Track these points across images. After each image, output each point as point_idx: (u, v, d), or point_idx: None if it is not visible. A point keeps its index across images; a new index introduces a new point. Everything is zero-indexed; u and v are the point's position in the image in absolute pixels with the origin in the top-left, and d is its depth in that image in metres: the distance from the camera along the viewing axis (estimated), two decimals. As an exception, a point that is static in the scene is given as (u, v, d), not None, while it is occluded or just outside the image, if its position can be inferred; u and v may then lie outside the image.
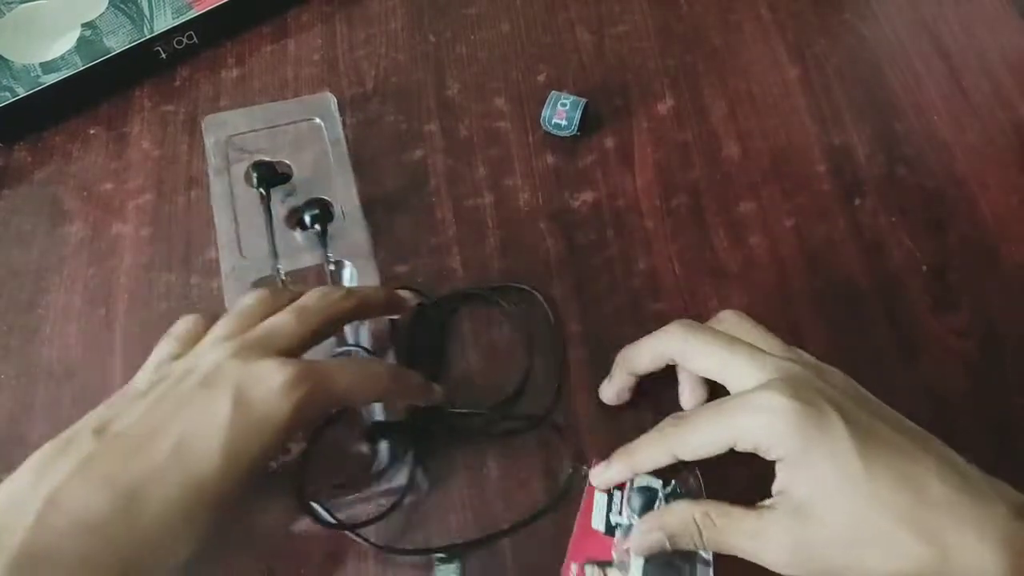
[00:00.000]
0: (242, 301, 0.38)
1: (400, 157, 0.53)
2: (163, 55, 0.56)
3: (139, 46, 0.54)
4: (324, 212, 0.47)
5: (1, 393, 0.46)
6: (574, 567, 0.40)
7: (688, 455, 0.36)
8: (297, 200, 0.48)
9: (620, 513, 0.41)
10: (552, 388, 0.45)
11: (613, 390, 0.43)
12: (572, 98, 0.52)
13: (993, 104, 0.54)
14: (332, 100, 0.51)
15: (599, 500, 0.41)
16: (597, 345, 0.47)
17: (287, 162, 0.49)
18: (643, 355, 0.41)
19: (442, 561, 0.41)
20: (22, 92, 0.52)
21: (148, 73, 0.56)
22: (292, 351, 0.35)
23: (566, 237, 0.50)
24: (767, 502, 0.36)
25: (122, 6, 0.55)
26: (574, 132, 0.52)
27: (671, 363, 0.40)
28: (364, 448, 0.42)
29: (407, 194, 0.52)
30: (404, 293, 0.43)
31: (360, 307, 0.39)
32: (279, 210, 0.47)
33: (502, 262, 0.49)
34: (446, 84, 0.56)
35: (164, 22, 0.54)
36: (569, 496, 0.42)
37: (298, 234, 0.47)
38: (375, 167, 0.53)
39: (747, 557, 0.35)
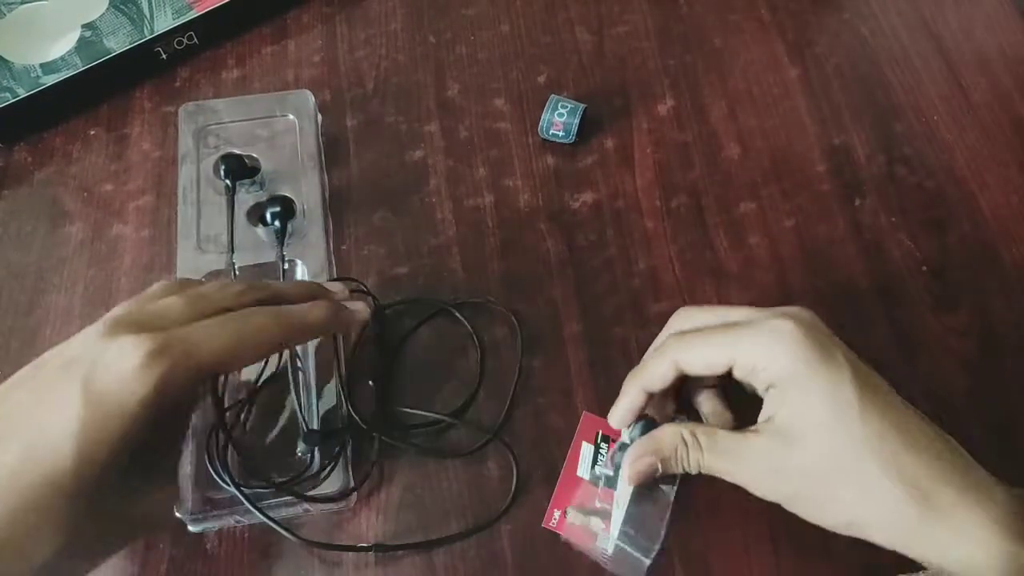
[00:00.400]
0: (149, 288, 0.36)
1: (400, 158, 0.53)
2: (163, 56, 0.56)
3: (139, 47, 0.54)
4: (286, 209, 0.47)
5: (2, 394, 0.46)
6: (557, 513, 0.42)
7: (690, 366, 0.37)
8: (261, 195, 0.48)
9: (605, 464, 0.43)
10: (502, 404, 0.45)
11: (621, 412, 0.41)
12: (570, 105, 0.52)
13: (993, 104, 0.54)
14: (310, 98, 0.52)
15: (585, 451, 0.43)
16: (597, 345, 0.47)
17: (256, 156, 0.49)
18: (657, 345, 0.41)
19: (365, 550, 0.41)
20: (22, 93, 0.52)
21: (148, 74, 0.56)
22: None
23: (566, 238, 0.50)
24: (750, 428, 0.37)
25: (122, 7, 0.55)
26: (572, 140, 0.52)
27: None
28: (300, 452, 0.42)
29: (407, 194, 0.52)
30: (343, 294, 0.40)
31: (267, 302, 0.36)
32: (242, 204, 0.47)
33: (502, 263, 0.49)
34: (446, 85, 0.56)
35: (164, 23, 0.54)
36: (508, 514, 0.43)
37: (259, 229, 0.47)
38: (375, 168, 0.53)
39: (726, 478, 0.37)
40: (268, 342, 0.35)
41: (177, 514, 0.40)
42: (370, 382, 0.45)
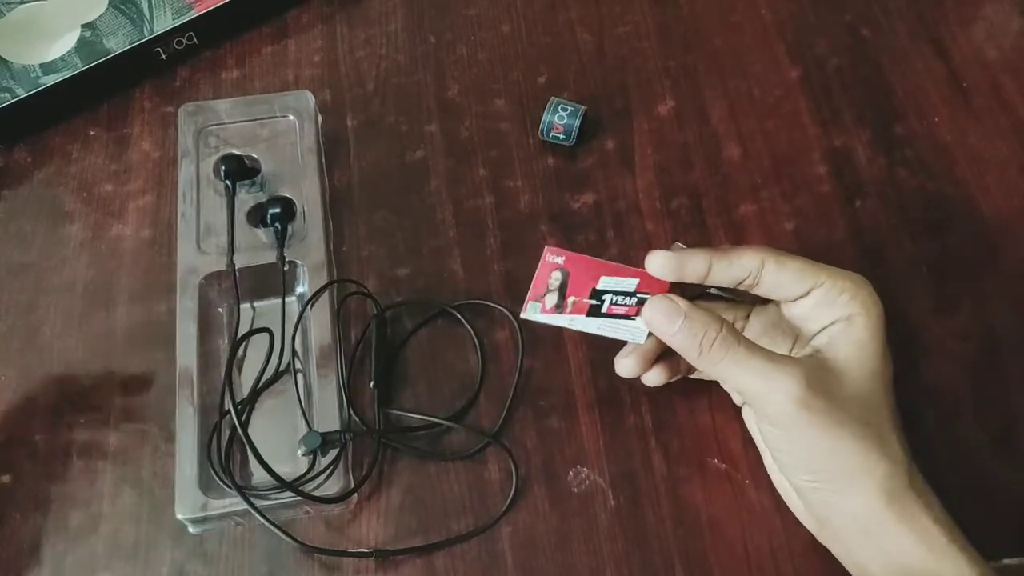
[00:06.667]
0: None
1: (401, 158, 0.53)
2: (163, 56, 0.55)
3: (139, 47, 0.54)
4: (286, 210, 0.47)
5: (1, 394, 0.46)
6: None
7: (779, 271, 0.37)
8: (262, 196, 0.48)
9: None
10: (502, 405, 0.45)
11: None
12: (571, 107, 0.51)
13: (993, 105, 0.54)
14: (310, 98, 0.52)
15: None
16: (597, 346, 0.47)
17: (256, 156, 0.49)
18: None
19: (365, 555, 0.41)
20: (22, 93, 0.52)
21: (148, 74, 0.56)
22: None
23: (566, 238, 0.50)
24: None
25: (122, 7, 0.55)
26: (572, 143, 0.52)
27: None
28: (300, 454, 0.42)
29: (407, 195, 0.52)
30: None
31: None
32: (242, 205, 0.47)
33: (503, 264, 0.49)
34: (446, 85, 0.56)
35: (164, 23, 0.54)
36: (508, 516, 0.43)
37: (259, 230, 0.47)
38: (376, 168, 0.53)
39: (748, 388, 0.36)
40: None
41: (178, 515, 0.40)
42: (371, 384, 0.45)
